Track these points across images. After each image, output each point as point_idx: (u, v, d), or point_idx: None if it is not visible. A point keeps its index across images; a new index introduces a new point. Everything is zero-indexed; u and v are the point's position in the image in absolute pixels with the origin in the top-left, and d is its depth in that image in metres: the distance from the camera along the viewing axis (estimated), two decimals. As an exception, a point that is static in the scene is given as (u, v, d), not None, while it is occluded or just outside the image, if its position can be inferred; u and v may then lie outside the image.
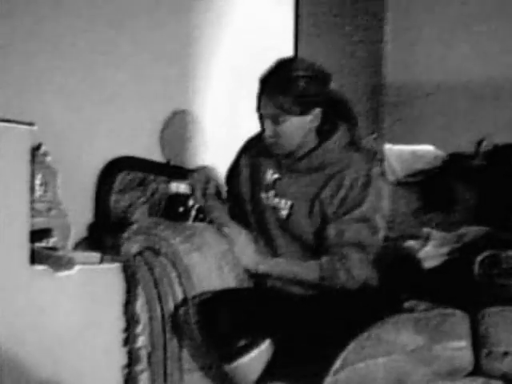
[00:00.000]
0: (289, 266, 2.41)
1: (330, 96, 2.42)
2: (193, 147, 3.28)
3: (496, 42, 4.08)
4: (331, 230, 2.36)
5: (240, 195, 2.56)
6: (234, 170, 2.61)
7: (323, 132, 2.44)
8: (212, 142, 3.30)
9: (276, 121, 2.37)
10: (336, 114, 2.45)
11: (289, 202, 2.43)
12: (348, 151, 2.43)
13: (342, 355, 2.17)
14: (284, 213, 2.44)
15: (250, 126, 2.51)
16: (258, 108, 2.41)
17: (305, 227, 2.42)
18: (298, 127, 2.39)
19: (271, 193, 2.47)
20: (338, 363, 2.17)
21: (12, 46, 2.64)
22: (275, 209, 2.45)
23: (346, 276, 2.34)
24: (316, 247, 2.42)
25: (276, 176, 2.48)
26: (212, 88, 3.38)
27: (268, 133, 2.39)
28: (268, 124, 2.39)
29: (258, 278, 2.47)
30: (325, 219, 2.39)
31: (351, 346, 2.19)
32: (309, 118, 2.39)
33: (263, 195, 2.48)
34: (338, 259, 2.35)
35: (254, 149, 2.56)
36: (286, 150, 2.42)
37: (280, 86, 2.36)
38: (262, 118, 2.41)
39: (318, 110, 2.40)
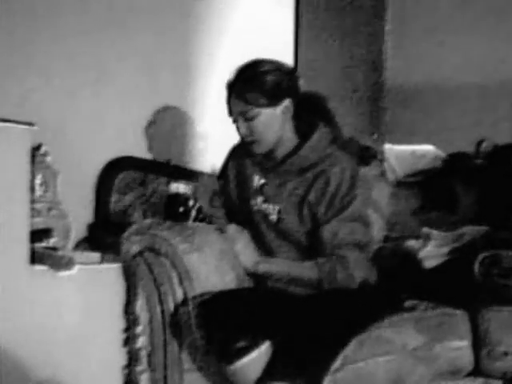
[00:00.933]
0: (288, 267, 2.41)
1: (301, 92, 2.44)
2: (193, 146, 3.28)
3: (496, 42, 4.08)
4: (325, 232, 2.36)
5: (231, 202, 2.57)
6: (222, 178, 2.61)
7: (303, 132, 2.44)
8: (212, 142, 3.30)
9: (247, 117, 2.38)
10: (313, 112, 2.45)
11: (277, 207, 2.43)
12: (331, 149, 2.43)
13: (342, 354, 2.17)
14: (274, 217, 2.44)
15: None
16: (230, 113, 2.42)
17: (296, 230, 2.42)
18: (270, 120, 2.39)
19: (260, 198, 2.47)
20: (337, 362, 2.16)
21: (12, 45, 2.64)
22: (265, 214, 2.45)
23: (345, 276, 2.34)
24: (310, 249, 2.42)
25: (262, 181, 2.48)
26: (212, 88, 3.37)
27: (243, 132, 2.40)
28: (241, 122, 2.40)
29: (258, 278, 2.48)
30: (315, 221, 2.39)
31: (351, 345, 2.19)
32: (279, 108, 2.40)
33: (252, 201, 2.48)
34: (335, 260, 2.34)
35: (239, 156, 2.56)
36: (265, 147, 2.42)
37: (246, 82, 2.38)
38: (235, 121, 2.42)
39: (287, 101, 2.40)
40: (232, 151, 2.61)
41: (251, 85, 2.37)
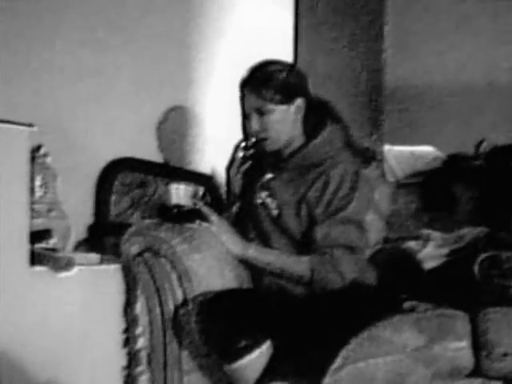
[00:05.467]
0: (278, 257, 2.42)
1: (311, 95, 2.48)
2: (193, 147, 3.28)
3: (496, 42, 4.08)
4: (318, 232, 2.37)
5: (237, 195, 2.58)
6: (233, 171, 2.62)
7: (310, 133, 2.46)
8: (212, 142, 3.30)
9: (261, 113, 2.41)
10: (321, 112, 2.47)
11: (278, 202, 2.44)
12: (336, 150, 2.45)
13: (342, 354, 2.17)
14: (275, 212, 2.45)
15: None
16: (243, 110, 2.46)
17: (293, 227, 2.43)
18: (284, 118, 2.43)
19: (265, 192, 2.48)
20: (337, 362, 2.17)
21: (12, 46, 2.64)
22: (267, 208, 2.46)
23: (336, 275, 2.34)
24: (305, 246, 2.42)
25: (270, 176, 2.49)
26: (212, 88, 3.38)
27: (255, 127, 2.43)
28: (254, 118, 2.43)
29: (256, 274, 2.48)
30: (312, 220, 2.40)
31: (351, 345, 2.19)
32: (292, 107, 2.43)
33: (257, 194, 2.50)
34: (326, 259, 2.35)
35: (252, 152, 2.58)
36: (276, 145, 2.45)
37: (260, 79, 2.42)
38: (246, 118, 2.45)
39: (300, 100, 2.43)
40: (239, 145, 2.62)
41: (266, 82, 2.41)
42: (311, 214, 2.40)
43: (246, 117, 2.46)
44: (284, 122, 2.43)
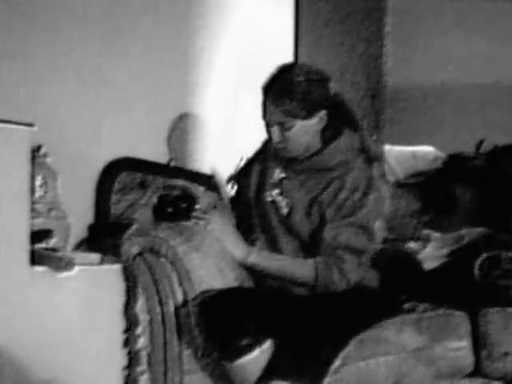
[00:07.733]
0: (282, 262, 2.42)
1: (332, 99, 2.45)
2: (194, 147, 3.29)
3: (496, 42, 4.08)
4: (327, 232, 2.38)
5: (247, 194, 2.57)
6: (245, 170, 2.62)
7: (327, 136, 2.46)
8: (212, 144, 3.30)
9: (284, 127, 2.39)
10: (339, 117, 2.46)
11: (289, 201, 2.44)
12: (352, 155, 2.45)
13: (343, 354, 2.18)
14: (285, 211, 2.45)
15: (249, 127, 2.51)
16: (264, 116, 2.44)
17: (303, 227, 2.43)
18: (306, 131, 2.42)
19: (276, 191, 2.48)
20: (338, 362, 2.17)
21: (12, 46, 2.64)
22: (277, 206, 2.46)
23: (340, 277, 2.34)
24: (312, 247, 2.42)
25: (282, 175, 2.49)
26: (213, 90, 3.38)
27: (276, 139, 2.42)
28: (276, 130, 2.41)
29: (257, 276, 2.48)
30: (322, 221, 2.40)
31: (352, 345, 2.19)
32: (315, 120, 2.42)
33: (267, 193, 2.49)
34: (332, 260, 2.35)
35: (265, 151, 2.57)
36: (294, 153, 2.45)
37: (284, 91, 2.39)
38: (268, 125, 2.43)
39: (323, 113, 2.42)
40: (261, 146, 2.61)
41: (290, 95, 2.38)
42: (322, 215, 2.40)
43: (267, 123, 2.44)
44: (305, 134, 2.42)
